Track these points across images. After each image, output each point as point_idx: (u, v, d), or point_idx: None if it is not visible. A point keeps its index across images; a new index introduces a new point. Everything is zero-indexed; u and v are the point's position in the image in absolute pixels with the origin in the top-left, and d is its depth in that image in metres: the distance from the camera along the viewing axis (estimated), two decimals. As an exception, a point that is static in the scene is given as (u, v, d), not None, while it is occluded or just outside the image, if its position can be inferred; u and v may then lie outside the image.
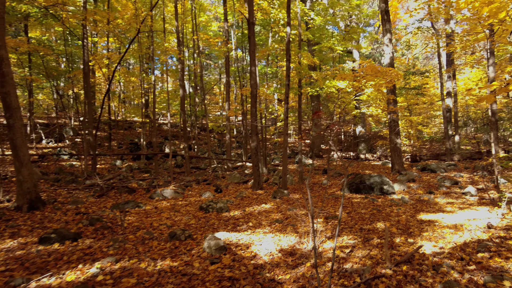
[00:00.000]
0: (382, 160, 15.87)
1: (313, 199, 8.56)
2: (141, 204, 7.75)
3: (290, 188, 10.11)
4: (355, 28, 15.43)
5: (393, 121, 11.79)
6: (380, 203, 7.94)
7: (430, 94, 20.92)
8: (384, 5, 12.11)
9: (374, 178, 9.07)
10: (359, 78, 9.29)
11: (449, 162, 13.46)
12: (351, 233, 5.43)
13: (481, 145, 17.27)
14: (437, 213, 6.86)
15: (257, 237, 5.31)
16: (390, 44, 12.07)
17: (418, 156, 15.42)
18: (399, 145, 11.81)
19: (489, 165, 11.82)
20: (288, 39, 9.28)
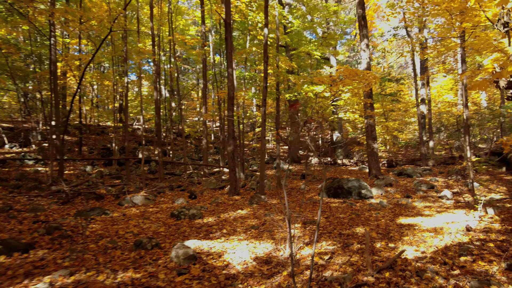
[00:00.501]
0: (359, 165, 15.86)
1: (290, 204, 8.27)
2: (108, 211, 7.20)
3: (267, 193, 9.79)
4: (332, 34, 15.47)
5: (370, 125, 11.75)
6: (358, 207, 7.75)
7: (405, 101, 21.31)
8: (361, 10, 12.14)
9: (352, 183, 8.90)
10: (336, 81, 9.16)
11: (424, 167, 13.57)
12: (330, 239, 5.15)
13: (454, 151, 17.63)
14: (416, 217, 6.72)
15: (231, 244, 4.93)
16: (367, 50, 12.09)
17: (394, 161, 15.51)
18: (376, 150, 11.76)
19: (462, 170, 11.98)
20: (265, 41, 9.05)
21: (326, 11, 15.35)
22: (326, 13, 15.21)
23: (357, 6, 12.36)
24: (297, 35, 15.02)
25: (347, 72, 8.33)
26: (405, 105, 20.02)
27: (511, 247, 4.21)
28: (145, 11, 18.26)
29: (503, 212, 6.18)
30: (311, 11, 15.24)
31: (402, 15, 12.56)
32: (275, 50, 11.04)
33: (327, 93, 12.51)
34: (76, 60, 13.39)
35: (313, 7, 15.40)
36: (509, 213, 6.09)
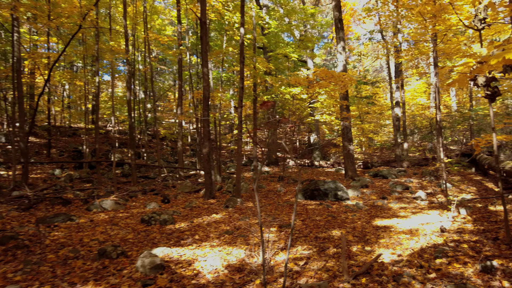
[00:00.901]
0: (336, 167, 15.92)
1: (267, 207, 8.08)
2: (74, 217, 6.75)
3: (244, 196, 9.56)
4: (309, 37, 15.48)
5: (346, 127, 11.77)
6: (335, 209, 7.66)
7: (380, 104, 21.66)
8: (337, 13, 12.18)
9: (328, 184, 8.82)
10: (313, 83, 9.08)
11: (399, 168, 13.76)
12: (305, 243, 4.99)
13: (427, 152, 18.04)
14: (391, 218, 6.68)
15: (203, 251, 4.67)
16: (344, 52, 12.12)
17: (370, 163, 15.66)
18: (352, 152, 11.79)
19: (435, 171, 12.20)
20: (241, 41, 8.85)
21: (303, 13, 15.34)
22: (303, 16, 15.20)
23: (334, 9, 12.39)
24: (275, 37, 14.93)
25: (323, 74, 8.26)
26: (380, 107, 20.34)
27: (484, 248, 4.18)
28: (120, 9, 17.67)
29: (474, 212, 6.23)
30: (289, 14, 15.20)
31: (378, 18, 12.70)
32: (252, 51, 10.86)
33: (304, 95, 12.46)
34: (44, 59, 12.70)
35: (290, 10, 15.36)
36: (480, 213, 6.15)
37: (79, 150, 16.87)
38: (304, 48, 15.44)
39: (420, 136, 19.76)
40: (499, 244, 4.22)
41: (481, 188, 9.72)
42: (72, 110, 23.92)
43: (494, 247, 4.17)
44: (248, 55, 10.46)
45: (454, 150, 16.64)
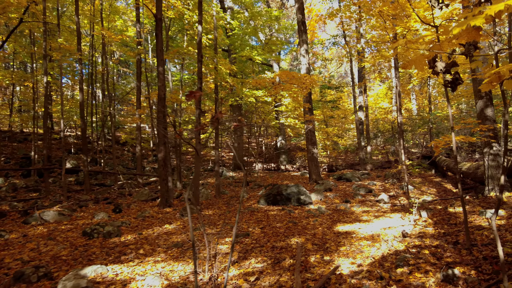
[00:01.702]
0: (301, 170, 15.72)
1: (226, 214, 7.58)
2: (4, 232, 5.90)
3: (204, 204, 9.01)
4: (274, 40, 15.25)
5: (310, 131, 11.55)
6: (297, 214, 7.30)
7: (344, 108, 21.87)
8: (300, 16, 11.99)
9: (291, 188, 8.47)
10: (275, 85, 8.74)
11: (362, 171, 13.75)
12: (261, 254, 4.54)
13: (390, 155, 18.32)
14: (353, 223, 6.40)
15: (144, 268, 4.10)
16: (307, 55, 11.93)
17: (334, 166, 15.60)
18: (316, 155, 11.58)
19: (397, 173, 12.27)
20: (199, 39, 8.35)
21: (268, 16, 15.10)
22: (268, 19, 14.95)
23: (297, 11, 12.20)
24: (240, 39, 14.54)
25: (285, 76, 7.93)
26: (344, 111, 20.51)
27: (445, 254, 3.93)
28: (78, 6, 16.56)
29: (435, 214, 6.08)
30: (253, 16, 14.88)
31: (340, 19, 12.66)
32: (213, 52, 10.38)
33: (268, 98, 12.14)
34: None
35: (255, 13, 15.05)
36: (440, 215, 6.00)
37: (28, 156, 15.52)
38: (269, 51, 15.18)
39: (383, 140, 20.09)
40: (460, 249, 3.99)
41: (441, 190, 9.78)
42: (24, 114, 22.21)
43: (455, 252, 3.93)
44: (208, 55, 9.97)
45: (415, 153, 16.99)
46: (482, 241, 4.07)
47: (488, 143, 6.34)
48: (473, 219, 5.19)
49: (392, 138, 18.34)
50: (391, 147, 19.29)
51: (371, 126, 21.21)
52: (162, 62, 8.55)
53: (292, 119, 14.09)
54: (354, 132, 22.97)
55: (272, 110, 13.73)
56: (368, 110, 19.98)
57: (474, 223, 5.00)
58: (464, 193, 8.89)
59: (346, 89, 24.97)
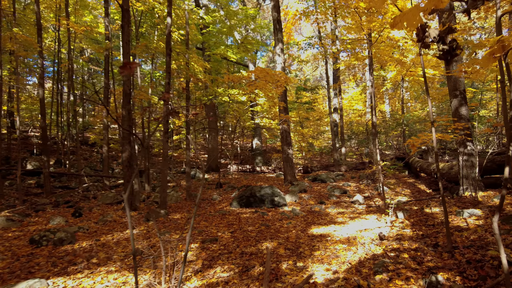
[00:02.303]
0: (277, 172, 15.38)
1: (196, 218, 7.05)
2: None
3: (173, 207, 8.44)
4: (249, 40, 14.87)
5: (285, 131, 11.22)
6: (270, 217, 6.89)
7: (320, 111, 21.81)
8: (276, 14, 11.68)
9: (265, 190, 8.06)
10: (249, 82, 8.33)
11: (337, 172, 13.57)
12: (228, 261, 4.08)
13: (364, 157, 18.34)
14: (328, 225, 6.06)
15: (93, 281, 3.54)
16: (282, 54, 11.62)
17: (309, 167, 15.37)
18: (291, 156, 11.25)
19: (372, 174, 12.17)
20: (168, 31, 7.81)
21: (244, 15, 14.71)
22: (243, 17, 14.56)
23: (272, 10, 11.88)
24: (214, 36, 14.04)
25: (259, 72, 7.53)
26: (319, 113, 20.42)
27: (426, 258, 3.62)
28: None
29: (411, 215, 5.84)
30: (229, 15, 14.44)
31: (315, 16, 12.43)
32: (184, 47, 9.84)
33: (242, 96, 11.72)
34: None
35: (231, 11, 14.62)
36: (417, 216, 5.76)
37: (-15, 157, 14.26)
38: (245, 50, 14.77)
39: (357, 141, 20.14)
40: (441, 252, 3.70)
41: (415, 190, 9.68)
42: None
43: (436, 256, 3.63)
44: (178, 50, 9.43)
45: (389, 155, 17.08)
46: (463, 243, 3.80)
47: (463, 142, 6.19)
48: (451, 220, 4.96)
49: (366, 140, 18.39)
50: (365, 149, 19.36)
51: (345, 128, 21.24)
52: (128, 55, 7.94)
53: (268, 120, 13.71)
54: (329, 134, 22.96)
55: (247, 110, 13.32)
56: (343, 112, 20.01)
57: (452, 224, 4.76)
58: (438, 193, 8.81)
59: (321, 92, 24.99)
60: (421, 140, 5.32)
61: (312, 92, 18.91)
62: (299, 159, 18.51)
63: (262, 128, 17.26)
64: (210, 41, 14.01)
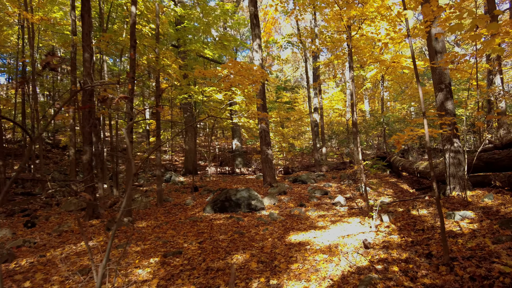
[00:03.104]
0: (257, 173, 14.75)
1: (163, 226, 6.32)
2: None
3: (140, 214, 7.66)
4: (227, 36, 14.20)
5: (264, 130, 10.61)
6: (246, 222, 6.24)
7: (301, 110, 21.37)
8: (253, 8, 11.07)
9: (241, 193, 7.40)
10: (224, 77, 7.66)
11: (318, 173, 13.07)
12: (189, 280, 3.40)
13: (344, 157, 17.97)
14: (308, 230, 5.47)
15: (11, 314, 2.78)
16: (260, 50, 11.02)
17: (290, 168, 14.83)
18: (271, 156, 10.65)
19: (353, 174, 11.72)
20: (132, 21, 7.05)
21: (221, 11, 14.03)
22: (220, 13, 13.87)
23: (249, 4, 11.27)
24: (190, 33, 13.28)
25: (232, 65, 6.88)
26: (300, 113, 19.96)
27: (420, 272, 3.06)
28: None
29: (397, 218, 5.31)
30: (204, 10, 13.73)
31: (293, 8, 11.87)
32: (154, 41, 9.09)
33: (218, 94, 11.04)
34: None
35: (207, 7, 13.90)
36: (403, 219, 5.24)
37: None
38: (222, 48, 14.08)
39: (338, 141, 19.78)
40: (437, 264, 3.14)
41: (398, 190, 9.26)
42: None
43: (432, 269, 3.07)
44: (146, 43, 8.68)
45: (369, 154, 16.76)
46: (462, 253, 3.26)
47: (449, 138, 5.74)
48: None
49: (346, 139, 18.03)
50: (345, 148, 19.02)
51: (326, 128, 20.87)
52: (89, 48, 7.13)
53: (246, 119, 13.06)
54: (310, 135, 22.55)
55: (225, 109, 12.64)
56: (323, 112, 19.62)
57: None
58: (422, 193, 8.40)
59: (301, 92, 24.60)
60: (406, 136, 4.80)
61: (292, 91, 18.42)
62: (280, 159, 17.96)
63: (242, 128, 16.59)
64: (185, 37, 13.26)
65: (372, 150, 18.03)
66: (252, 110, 11.97)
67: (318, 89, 17.23)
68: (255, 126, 13.75)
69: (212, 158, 20.06)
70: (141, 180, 13.99)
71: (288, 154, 17.07)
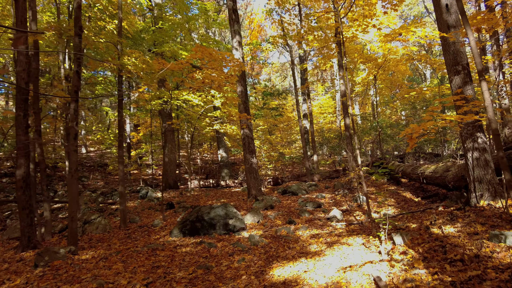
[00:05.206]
0: (244, 185, 13.30)
1: (111, 258, 4.82)
2: None
3: (94, 239, 6.15)
4: (206, 38, 12.97)
5: (247, 137, 9.26)
6: (218, 250, 4.79)
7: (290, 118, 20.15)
8: (231, 3, 9.87)
9: (216, 211, 5.96)
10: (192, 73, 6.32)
11: (310, 183, 11.69)
12: None
13: (337, 165, 16.66)
14: (298, 259, 4.07)
15: None
16: (240, 48, 9.77)
17: (280, 178, 13.44)
18: (255, 165, 9.26)
19: (348, 183, 10.40)
20: (78, 3, 5.70)
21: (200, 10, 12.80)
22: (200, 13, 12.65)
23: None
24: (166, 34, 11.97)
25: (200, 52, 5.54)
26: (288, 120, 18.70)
27: None
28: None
29: (415, 239, 3.92)
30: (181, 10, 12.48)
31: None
32: (116, 36, 7.74)
33: (195, 99, 9.69)
34: None
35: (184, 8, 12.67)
36: (423, 240, 3.86)
37: None
38: (202, 51, 12.76)
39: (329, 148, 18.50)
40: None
41: (400, 199, 7.92)
42: None
43: None
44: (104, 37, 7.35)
45: (363, 161, 15.48)
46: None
47: (472, 134, 4.44)
48: (487, 251, 3.05)
49: (338, 146, 16.75)
50: (338, 156, 17.73)
51: (316, 135, 19.61)
52: (24, 39, 5.73)
53: (228, 125, 11.68)
54: (300, 143, 21.26)
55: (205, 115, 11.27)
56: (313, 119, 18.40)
57: (493, 259, 2.86)
58: (429, 201, 7.06)
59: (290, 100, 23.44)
60: (422, 128, 3.49)
61: (280, 97, 17.17)
62: (270, 169, 16.55)
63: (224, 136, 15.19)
64: (160, 39, 11.95)
65: (366, 157, 16.75)
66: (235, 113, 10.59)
67: (306, 93, 16.04)
68: (238, 133, 12.37)
69: (198, 171, 18.55)
70: (116, 197, 12.40)
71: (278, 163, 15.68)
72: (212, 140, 19.89)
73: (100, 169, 20.01)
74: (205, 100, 9.74)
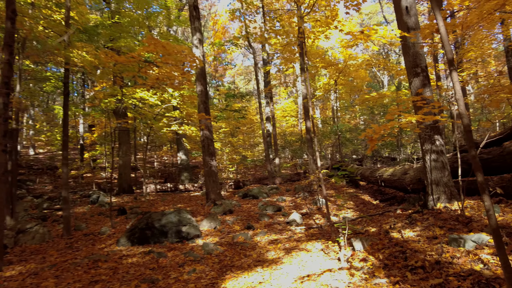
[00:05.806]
0: (204, 189, 12.78)
1: (43, 272, 4.19)
2: None
3: (27, 251, 5.39)
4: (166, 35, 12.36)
5: (207, 138, 8.83)
6: (168, 260, 4.34)
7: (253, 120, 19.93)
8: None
9: (168, 217, 5.48)
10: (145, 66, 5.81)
11: (271, 186, 11.49)
12: None
13: (298, 168, 16.68)
14: (254, 268, 3.75)
15: None
16: (200, 46, 9.34)
17: (242, 181, 13.10)
18: (215, 168, 8.85)
19: (308, 186, 10.32)
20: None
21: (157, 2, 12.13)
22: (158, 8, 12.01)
23: (188, -6, 9.60)
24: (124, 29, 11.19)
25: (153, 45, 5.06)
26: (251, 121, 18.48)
27: None
28: None
29: (375, 245, 3.76)
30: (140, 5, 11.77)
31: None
32: (64, 27, 7.00)
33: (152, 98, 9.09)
34: None
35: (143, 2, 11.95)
36: (383, 245, 3.70)
37: None
38: (161, 49, 12.12)
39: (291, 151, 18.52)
40: None
41: (359, 202, 7.93)
42: None
43: None
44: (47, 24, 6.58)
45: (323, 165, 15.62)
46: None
47: (430, 136, 4.41)
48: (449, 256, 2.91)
49: (300, 150, 16.80)
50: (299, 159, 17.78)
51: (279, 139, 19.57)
52: None
53: (187, 126, 11.13)
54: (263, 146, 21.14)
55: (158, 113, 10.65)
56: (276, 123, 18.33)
57: (455, 265, 2.72)
58: (387, 204, 7.10)
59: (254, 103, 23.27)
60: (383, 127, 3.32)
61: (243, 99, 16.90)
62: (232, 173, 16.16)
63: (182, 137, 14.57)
64: (116, 34, 11.16)
65: (326, 160, 16.95)
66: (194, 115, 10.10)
67: (269, 96, 15.90)
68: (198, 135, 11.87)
69: (155, 174, 17.68)
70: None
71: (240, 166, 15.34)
72: (172, 142, 19.10)
73: (50, 172, 18.45)
74: (162, 98, 9.16)
